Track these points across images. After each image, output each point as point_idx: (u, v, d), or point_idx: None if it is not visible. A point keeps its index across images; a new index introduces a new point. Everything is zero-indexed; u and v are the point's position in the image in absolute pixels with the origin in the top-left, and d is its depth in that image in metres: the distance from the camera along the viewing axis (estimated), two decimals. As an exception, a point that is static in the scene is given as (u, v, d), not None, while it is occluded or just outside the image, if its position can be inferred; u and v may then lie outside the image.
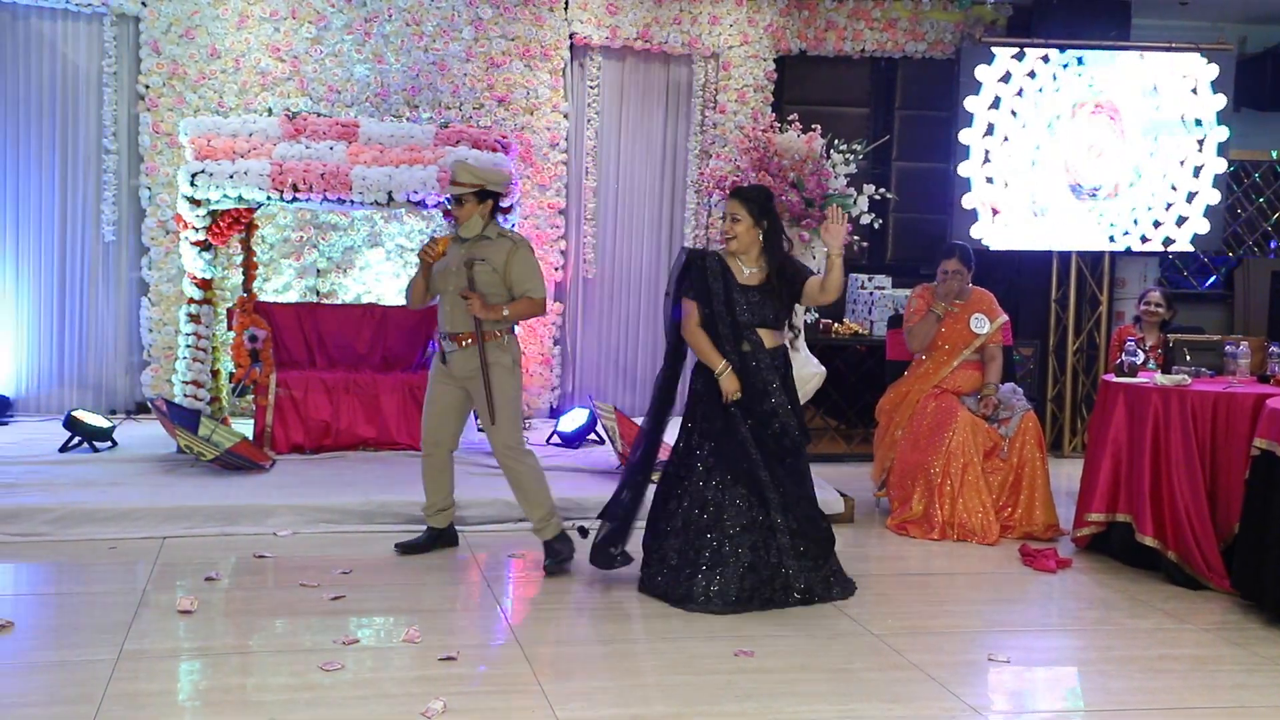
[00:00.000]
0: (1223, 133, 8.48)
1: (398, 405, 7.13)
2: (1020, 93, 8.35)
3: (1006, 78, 8.34)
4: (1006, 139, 8.38)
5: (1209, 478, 5.23)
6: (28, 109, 7.85)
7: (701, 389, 4.84)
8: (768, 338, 4.82)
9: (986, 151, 8.36)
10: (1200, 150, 8.50)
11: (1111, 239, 8.54)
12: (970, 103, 8.30)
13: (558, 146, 8.45)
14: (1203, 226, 8.55)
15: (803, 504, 4.85)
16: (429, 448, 5.32)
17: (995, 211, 8.40)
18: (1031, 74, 8.36)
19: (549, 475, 6.50)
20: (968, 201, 8.38)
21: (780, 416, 4.77)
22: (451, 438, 5.33)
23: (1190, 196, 8.53)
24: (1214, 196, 8.53)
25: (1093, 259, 8.81)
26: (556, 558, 5.15)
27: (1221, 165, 8.51)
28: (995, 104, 8.34)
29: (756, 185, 5.38)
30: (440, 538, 5.45)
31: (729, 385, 4.72)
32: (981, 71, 8.30)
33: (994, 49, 8.34)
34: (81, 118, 7.93)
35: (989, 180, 8.39)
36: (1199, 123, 8.48)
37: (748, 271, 4.82)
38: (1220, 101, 8.46)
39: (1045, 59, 8.35)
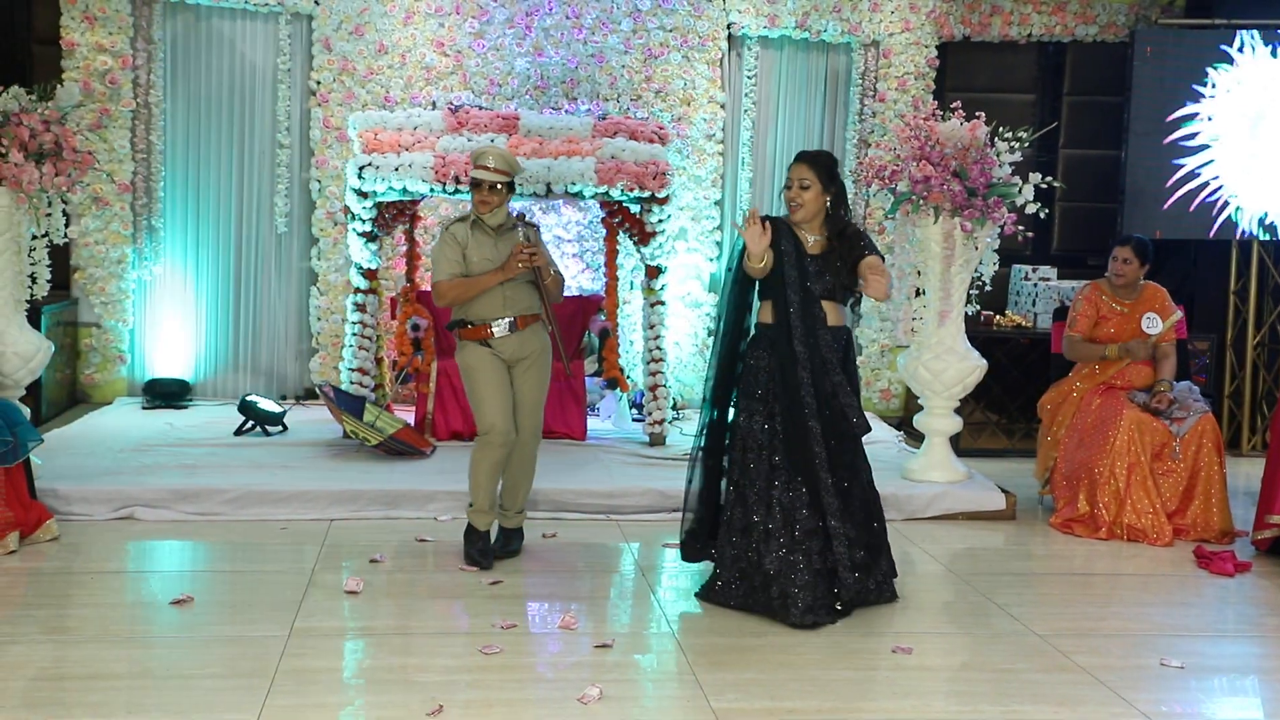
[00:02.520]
0: None
1: (554, 394, 7.15)
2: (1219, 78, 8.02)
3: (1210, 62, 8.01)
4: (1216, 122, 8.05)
5: (1404, 481, 4.93)
6: (208, 105, 8.19)
7: (762, 363, 4.53)
8: (830, 313, 4.56)
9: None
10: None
11: None
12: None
13: (714, 137, 8.43)
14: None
15: (859, 506, 4.56)
16: (509, 436, 5.03)
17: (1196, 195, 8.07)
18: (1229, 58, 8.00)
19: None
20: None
21: (840, 398, 4.47)
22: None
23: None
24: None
25: (1276, 248, 8.38)
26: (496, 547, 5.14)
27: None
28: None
29: (823, 150, 5.10)
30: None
31: (752, 235, 4.38)
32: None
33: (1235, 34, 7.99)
34: (257, 113, 8.24)
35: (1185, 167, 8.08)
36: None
37: (812, 239, 4.59)
38: None
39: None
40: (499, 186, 5.02)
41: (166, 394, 7.96)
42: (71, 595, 4.52)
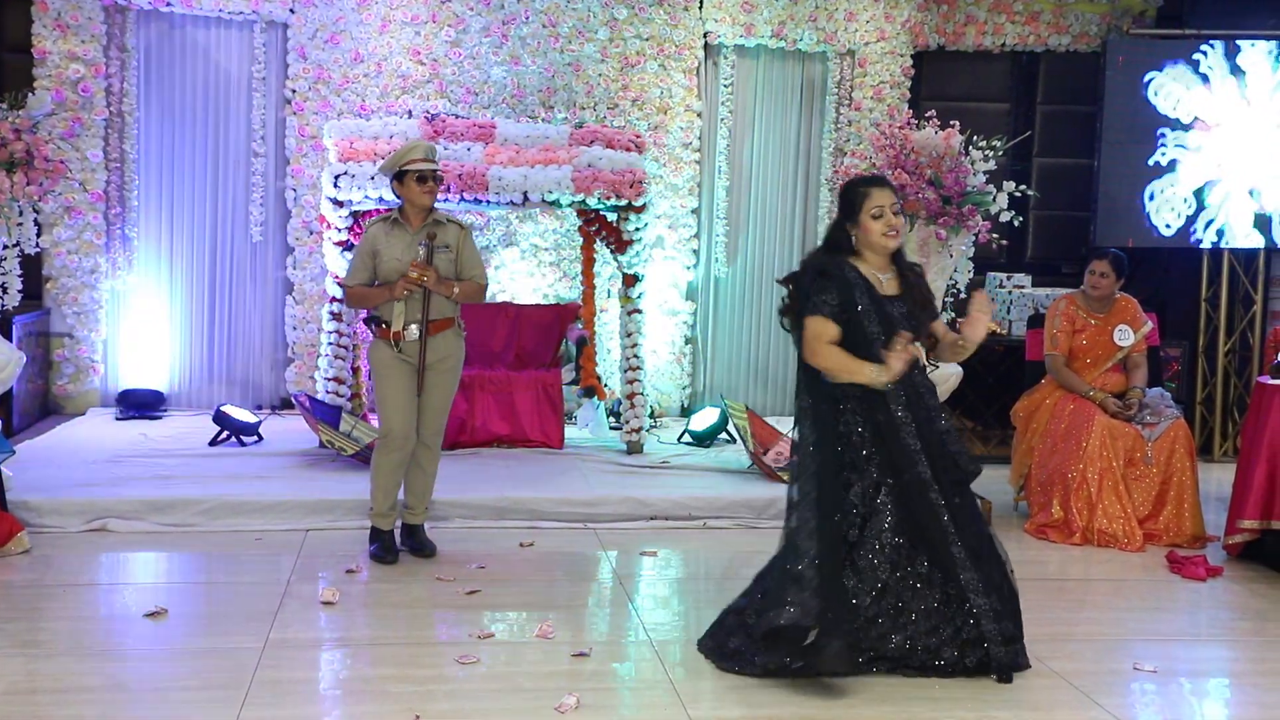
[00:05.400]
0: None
1: (531, 403, 7.21)
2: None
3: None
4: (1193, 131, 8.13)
5: (1373, 486, 4.99)
6: (182, 114, 8.15)
7: (856, 427, 3.93)
8: (920, 355, 4.03)
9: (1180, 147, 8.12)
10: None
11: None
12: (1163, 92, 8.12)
13: (691, 146, 8.45)
14: None
15: (987, 555, 3.94)
16: (407, 441, 5.14)
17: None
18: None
19: (682, 475, 6.56)
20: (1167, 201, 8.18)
21: (949, 443, 3.95)
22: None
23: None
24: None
25: (1246, 256, 8.46)
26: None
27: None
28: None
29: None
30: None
31: (896, 368, 3.80)
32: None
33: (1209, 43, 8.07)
34: (232, 122, 8.21)
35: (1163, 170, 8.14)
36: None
37: (884, 279, 4.02)
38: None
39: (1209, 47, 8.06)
40: (440, 177, 5.14)
41: (140, 404, 7.90)
42: (44, 608, 4.48)
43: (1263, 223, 8.18)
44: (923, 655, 3.88)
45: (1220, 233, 8.20)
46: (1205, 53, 8.04)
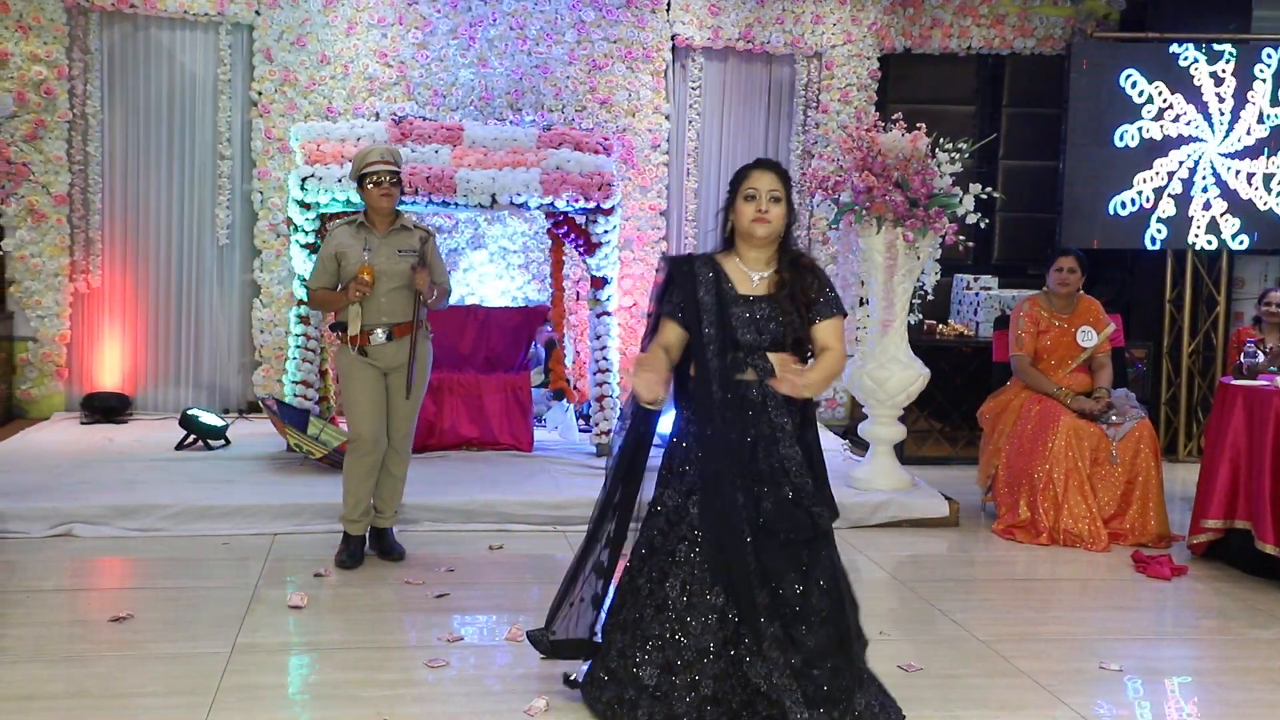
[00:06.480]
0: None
1: (500, 405, 7.20)
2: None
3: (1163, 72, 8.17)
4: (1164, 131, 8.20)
5: (1334, 484, 5.04)
6: (147, 116, 8.09)
7: (691, 428, 3.55)
8: (780, 368, 3.47)
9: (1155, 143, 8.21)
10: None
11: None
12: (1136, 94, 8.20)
13: (659, 148, 8.46)
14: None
15: (816, 622, 3.38)
16: (378, 444, 5.08)
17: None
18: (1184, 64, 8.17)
19: (651, 477, 6.55)
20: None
21: (792, 477, 3.43)
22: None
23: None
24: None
25: (1210, 258, 8.55)
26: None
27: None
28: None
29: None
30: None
31: (641, 383, 3.39)
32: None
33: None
34: (198, 124, 8.15)
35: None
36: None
37: (756, 277, 3.54)
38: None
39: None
40: (397, 179, 5.05)
41: (106, 408, 7.84)
42: (7, 614, 4.43)
43: (1226, 224, 8.27)
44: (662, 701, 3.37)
45: (1184, 234, 8.28)
46: (1169, 55, 8.13)
